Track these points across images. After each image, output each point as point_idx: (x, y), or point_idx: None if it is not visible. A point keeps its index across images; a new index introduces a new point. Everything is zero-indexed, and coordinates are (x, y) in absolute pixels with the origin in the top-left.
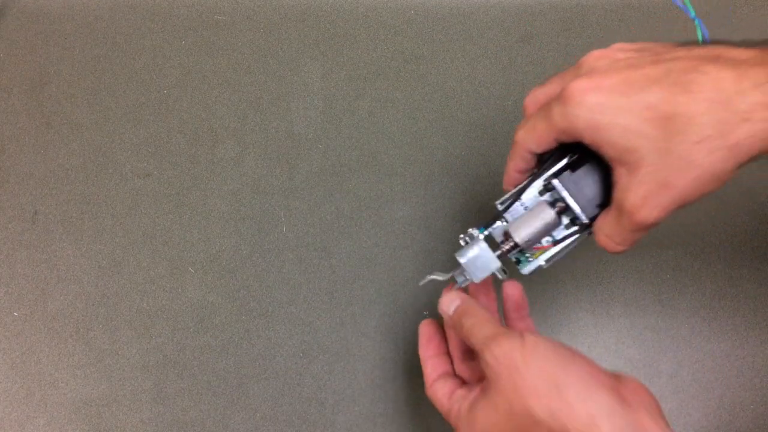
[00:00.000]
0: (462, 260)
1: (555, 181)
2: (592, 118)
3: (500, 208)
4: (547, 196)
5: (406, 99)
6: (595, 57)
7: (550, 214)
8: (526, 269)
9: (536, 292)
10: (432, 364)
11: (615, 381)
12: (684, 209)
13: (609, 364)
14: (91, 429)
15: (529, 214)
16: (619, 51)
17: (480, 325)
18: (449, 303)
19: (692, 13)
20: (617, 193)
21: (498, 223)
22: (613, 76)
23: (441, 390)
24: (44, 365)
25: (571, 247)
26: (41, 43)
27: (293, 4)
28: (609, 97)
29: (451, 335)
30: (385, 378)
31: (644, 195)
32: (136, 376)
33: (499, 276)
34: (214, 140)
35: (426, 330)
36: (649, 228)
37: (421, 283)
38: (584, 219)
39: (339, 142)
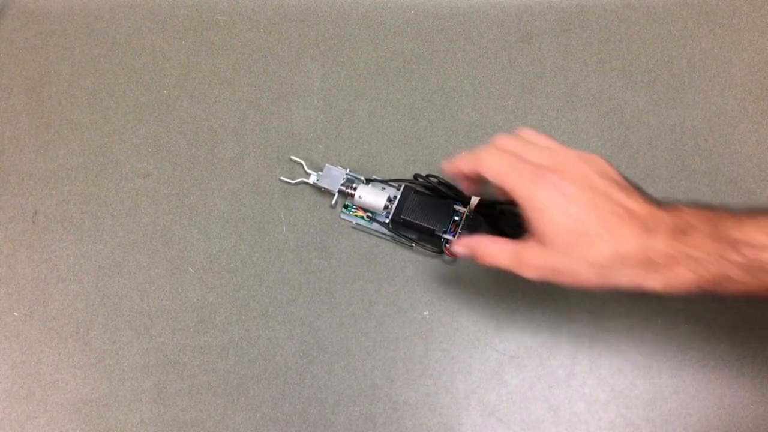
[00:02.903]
0: (326, 168)
1: (404, 187)
2: (540, 203)
3: (374, 178)
4: (393, 193)
5: (406, 99)
6: (571, 162)
7: (382, 199)
8: (343, 215)
9: (537, 291)
10: None
11: None
12: None
13: (609, 364)
14: (91, 429)
15: (378, 191)
16: (586, 164)
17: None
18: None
19: None
20: (524, 247)
21: (364, 182)
22: (572, 185)
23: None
24: (44, 365)
25: (374, 232)
26: (41, 43)
27: (293, 4)
28: (561, 198)
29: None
30: (385, 378)
31: (541, 265)
32: (136, 376)
33: (332, 199)
34: (214, 140)
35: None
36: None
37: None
38: (385, 219)
39: (339, 142)
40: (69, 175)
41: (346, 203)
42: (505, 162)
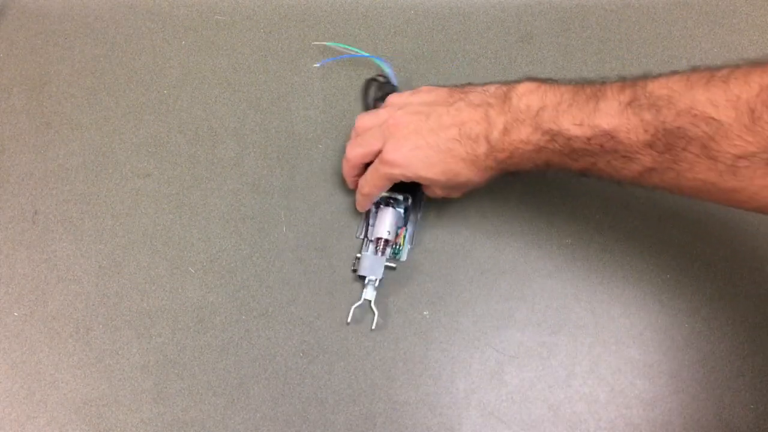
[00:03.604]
0: (362, 272)
1: (384, 193)
2: (406, 174)
3: (360, 235)
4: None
5: None
6: (395, 123)
7: (390, 210)
8: (404, 256)
9: (536, 291)
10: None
11: None
12: (683, 212)
13: (609, 364)
14: (91, 429)
15: (379, 220)
16: (407, 114)
17: None
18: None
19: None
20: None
21: (369, 245)
22: (408, 143)
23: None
24: (44, 365)
25: (415, 220)
26: (41, 43)
27: (293, 4)
28: (411, 158)
29: None
30: (385, 378)
31: (442, 195)
32: (136, 376)
33: (392, 265)
34: (214, 140)
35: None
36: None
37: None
38: (408, 199)
39: (339, 142)
40: (69, 175)
41: (392, 251)
42: (365, 184)
